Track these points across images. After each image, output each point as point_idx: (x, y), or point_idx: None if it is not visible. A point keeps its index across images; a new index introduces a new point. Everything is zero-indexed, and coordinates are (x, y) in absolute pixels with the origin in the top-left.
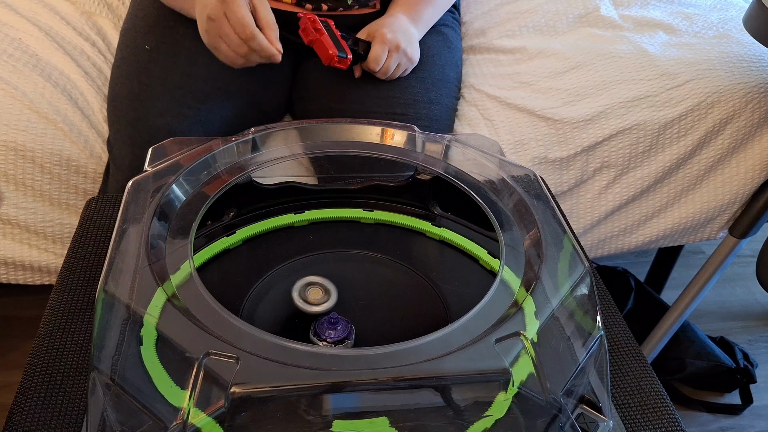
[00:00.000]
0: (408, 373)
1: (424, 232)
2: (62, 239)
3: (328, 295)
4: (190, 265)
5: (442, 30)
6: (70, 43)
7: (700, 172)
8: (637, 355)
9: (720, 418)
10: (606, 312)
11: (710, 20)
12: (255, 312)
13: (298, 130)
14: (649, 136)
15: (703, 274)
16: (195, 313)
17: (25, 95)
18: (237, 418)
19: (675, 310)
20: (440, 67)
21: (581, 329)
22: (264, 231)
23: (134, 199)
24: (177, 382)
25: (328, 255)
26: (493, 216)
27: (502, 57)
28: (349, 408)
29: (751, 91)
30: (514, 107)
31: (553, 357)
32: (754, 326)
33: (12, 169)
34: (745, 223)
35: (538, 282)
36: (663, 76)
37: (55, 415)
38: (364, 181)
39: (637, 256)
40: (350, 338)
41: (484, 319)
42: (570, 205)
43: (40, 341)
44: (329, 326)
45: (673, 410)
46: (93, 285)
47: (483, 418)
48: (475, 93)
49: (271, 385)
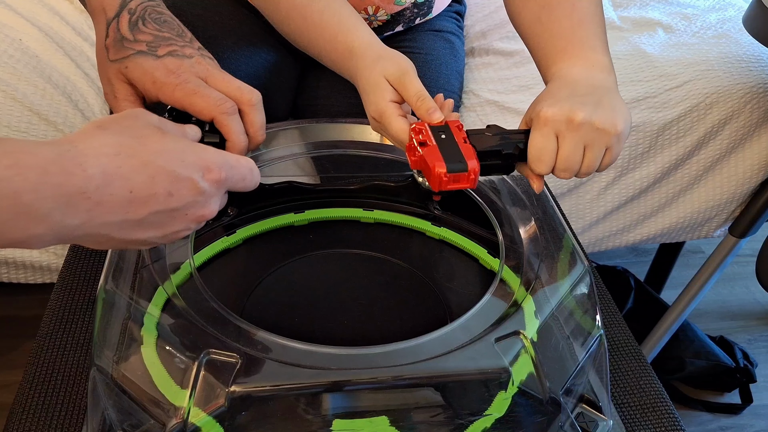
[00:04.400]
0: (408, 372)
1: (424, 232)
2: None
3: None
4: (191, 264)
5: (450, 38)
6: (69, 43)
7: (699, 172)
8: (636, 354)
9: (720, 417)
10: (606, 311)
11: (709, 21)
12: (255, 311)
13: (298, 129)
14: (648, 138)
15: (703, 273)
16: (195, 313)
17: (25, 96)
18: (237, 417)
19: (675, 310)
20: (446, 77)
21: (581, 328)
22: (264, 230)
23: None
24: (177, 382)
25: (328, 255)
26: (492, 215)
27: (501, 60)
28: (349, 407)
29: (750, 91)
30: (513, 111)
31: (552, 356)
32: (753, 326)
33: None
34: (745, 223)
35: (538, 281)
36: (662, 77)
37: (55, 414)
38: (364, 181)
39: (637, 255)
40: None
41: (483, 318)
42: (570, 205)
43: (40, 341)
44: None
45: (673, 409)
46: (93, 284)
47: (483, 417)
48: (474, 98)
49: (271, 384)
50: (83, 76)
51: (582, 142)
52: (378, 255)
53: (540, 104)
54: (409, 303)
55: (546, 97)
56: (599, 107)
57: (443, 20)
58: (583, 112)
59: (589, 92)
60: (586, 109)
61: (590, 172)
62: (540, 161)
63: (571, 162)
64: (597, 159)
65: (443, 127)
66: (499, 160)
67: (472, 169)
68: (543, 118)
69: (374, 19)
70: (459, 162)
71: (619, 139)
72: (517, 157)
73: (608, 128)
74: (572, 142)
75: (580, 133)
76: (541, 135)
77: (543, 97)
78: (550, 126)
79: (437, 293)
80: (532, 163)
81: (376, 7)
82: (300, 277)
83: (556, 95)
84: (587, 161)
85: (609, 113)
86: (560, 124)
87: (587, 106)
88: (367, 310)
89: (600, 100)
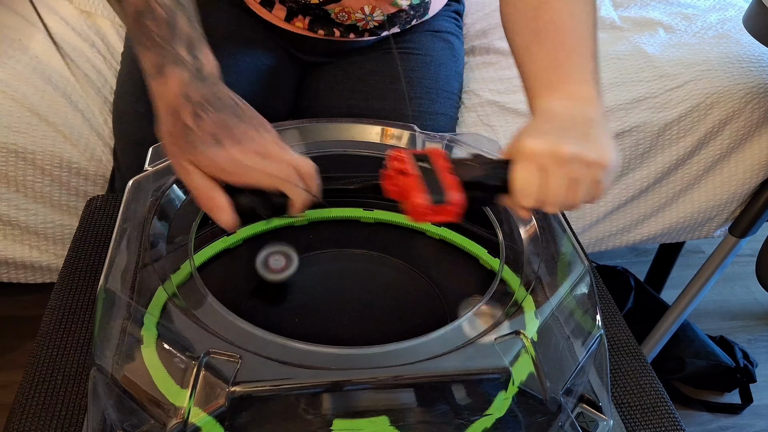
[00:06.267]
0: (408, 372)
1: (424, 232)
2: (63, 241)
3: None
4: (191, 264)
5: (449, 38)
6: (69, 44)
7: (699, 172)
8: (636, 354)
9: (720, 417)
10: (606, 311)
11: (709, 21)
12: (255, 311)
13: (298, 129)
14: (648, 138)
15: (703, 273)
16: (195, 312)
17: (25, 98)
18: (237, 417)
19: (675, 310)
20: (445, 78)
21: (581, 328)
22: (264, 231)
23: (135, 199)
24: (177, 381)
25: (328, 254)
26: (492, 215)
27: (502, 59)
28: (349, 407)
29: (750, 91)
30: (513, 112)
31: (553, 356)
32: (753, 326)
33: (13, 172)
34: (745, 223)
35: (538, 281)
36: (662, 78)
37: (55, 414)
38: (364, 181)
39: (637, 255)
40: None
41: (483, 318)
42: None
43: (40, 341)
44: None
45: (673, 409)
46: (93, 284)
47: (483, 417)
48: (474, 98)
49: (272, 384)
50: (83, 76)
51: (569, 177)
52: (378, 255)
53: (523, 137)
54: (409, 303)
55: (529, 130)
56: (586, 141)
57: (442, 20)
58: (569, 146)
59: (573, 126)
60: (572, 143)
61: (576, 206)
62: (527, 195)
63: (557, 197)
64: (585, 193)
65: (424, 156)
66: (483, 192)
67: (456, 202)
68: (528, 152)
69: (370, 19)
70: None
71: (608, 173)
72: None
73: (598, 161)
74: (559, 176)
75: (567, 167)
76: (525, 169)
77: (526, 130)
78: (535, 160)
79: (437, 293)
80: (519, 197)
81: (373, 6)
82: (300, 277)
83: (540, 129)
84: (574, 196)
85: (596, 146)
86: (545, 158)
87: (573, 140)
88: (367, 310)
89: (586, 132)
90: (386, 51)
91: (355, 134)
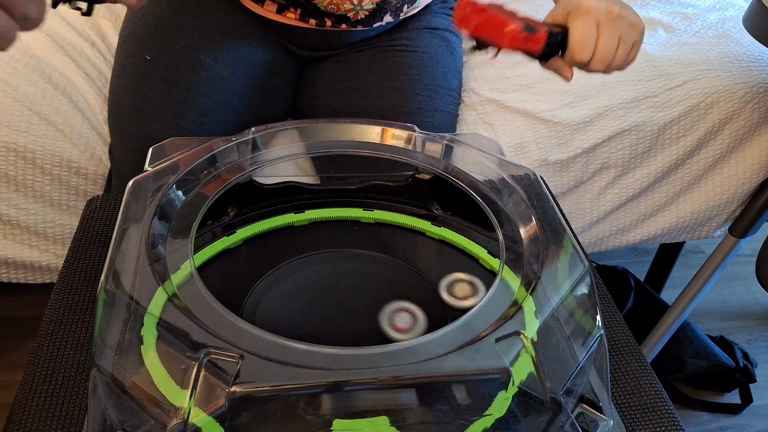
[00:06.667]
0: (408, 372)
1: (424, 232)
2: (63, 240)
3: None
4: (191, 264)
5: (446, 35)
6: (70, 43)
7: (699, 171)
8: (636, 354)
9: (720, 417)
10: (606, 311)
11: (709, 20)
12: (255, 311)
13: (298, 129)
14: (648, 137)
15: (703, 273)
16: (195, 313)
17: (25, 97)
18: (237, 418)
19: (675, 310)
20: (443, 74)
21: (581, 328)
22: (264, 231)
23: (135, 199)
24: (177, 382)
25: (328, 255)
26: (493, 215)
27: (502, 58)
28: (349, 407)
29: (750, 91)
30: (513, 110)
31: (553, 356)
32: (753, 326)
33: (12, 171)
34: (745, 223)
35: (538, 281)
36: (662, 77)
37: (55, 415)
38: (364, 181)
39: (637, 255)
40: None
41: (484, 318)
42: (570, 205)
43: (40, 341)
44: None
45: (673, 410)
46: (93, 284)
47: (483, 418)
48: (474, 97)
49: (272, 384)
50: (83, 76)
51: (617, 34)
52: (378, 255)
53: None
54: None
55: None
56: (626, 8)
57: (438, 17)
58: (618, 7)
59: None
60: (619, 6)
61: (621, 65)
62: (583, 48)
63: (608, 52)
64: (627, 52)
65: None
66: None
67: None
68: (585, 8)
69: (360, 8)
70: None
71: (642, 36)
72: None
73: (638, 23)
74: (610, 32)
75: (617, 24)
76: (584, 23)
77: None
78: (593, 15)
79: (437, 293)
80: (576, 50)
81: None
82: (300, 277)
83: None
84: (620, 53)
85: (633, 12)
86: (601, 14)
87: (618, 4)
88: (367, 310)
89: (622, 3)
90: (383, 48)
91: (356, 134)
